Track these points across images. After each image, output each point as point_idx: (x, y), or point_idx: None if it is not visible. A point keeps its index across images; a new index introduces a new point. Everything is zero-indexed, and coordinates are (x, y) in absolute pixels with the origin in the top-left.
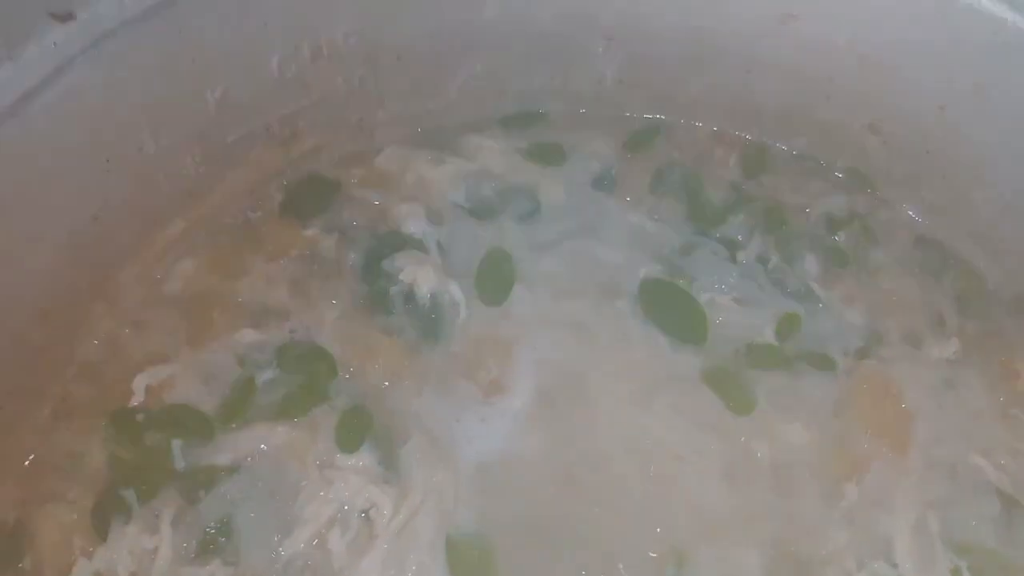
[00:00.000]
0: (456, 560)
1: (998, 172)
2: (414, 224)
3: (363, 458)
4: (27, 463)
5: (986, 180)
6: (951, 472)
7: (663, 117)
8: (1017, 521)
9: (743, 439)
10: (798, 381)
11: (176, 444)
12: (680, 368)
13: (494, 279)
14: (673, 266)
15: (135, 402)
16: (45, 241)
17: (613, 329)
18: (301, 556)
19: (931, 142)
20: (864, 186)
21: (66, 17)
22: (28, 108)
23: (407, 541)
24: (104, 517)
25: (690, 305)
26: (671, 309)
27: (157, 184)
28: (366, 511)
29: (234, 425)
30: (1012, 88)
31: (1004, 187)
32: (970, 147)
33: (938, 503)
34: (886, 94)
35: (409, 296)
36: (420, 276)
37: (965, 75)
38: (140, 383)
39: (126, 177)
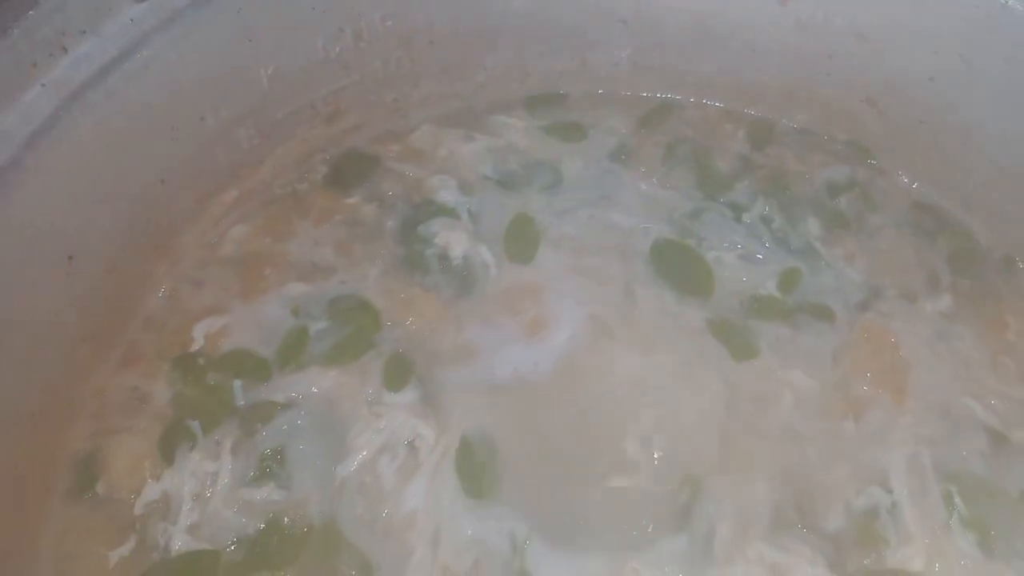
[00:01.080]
0: (464, 460)
1: (986, 137)
2: (447, 194)
3: (407, 396)
4: (99, 402)
5: (975, 146)
6: (943, 413)
7: (675, 96)
8: (1004, 453)
9: (748, 383)
10: (799, 331)
11: (237, 384)
12: (688, 320)
13: (521, 240)
14: (683, 228)
15: (194, 348)
16: (118, 200)
17: (628, 285)
18: (354, 479)
19: (923, 112)
20: (863, 157)
21: None
22: (107, 78)
23: (447, 467)
24: (171, 444)
25: (698, 262)
26: (680, 266)
27: (215, 154)
28: (411, 441)
29: (289, 369)
30: (995, 58)
31: (992, 152)
32: (959, 115)
33: (931, 439)
34: (881, 69)
35: (443, 258)
36: (453, 240)
37: (951, 48)
38: (199, 331)
39: (189, 145)
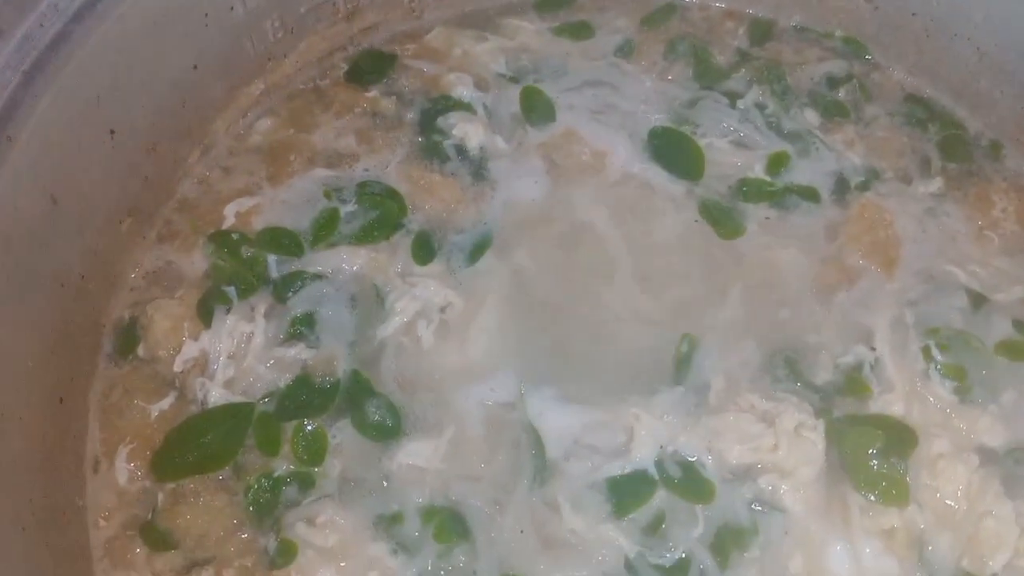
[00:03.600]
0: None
1: (971, 25)
2: (463, 90)
3: (436, 269)
4: (139, 274)
5: (961, 34)
6: (928, 279)
7: None
8: (982, 311)
9: (742, 253)
10: (788, 211)
11: (271, 259)
12: (680, 200)
13: (537, 106)
14: (679, 116)
15: (227, 226)
16: (155, 81)
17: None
18: (393, 339)
19: (913, 5)
20: (860, 52)
21: None
22: None
23: (478, 328)
24: (208, 308)
25: (690, 146)
26: (674, 150)
27: (244, 45)
28: (443, 307)
29: (320, 247)
30: None
31: (977, 38)
32: (948, 6)
33: (914, 301)
34: None
35: (461, 149)
36: (471, 131)
37: None
38: (231, 210)
39: (219, 34)
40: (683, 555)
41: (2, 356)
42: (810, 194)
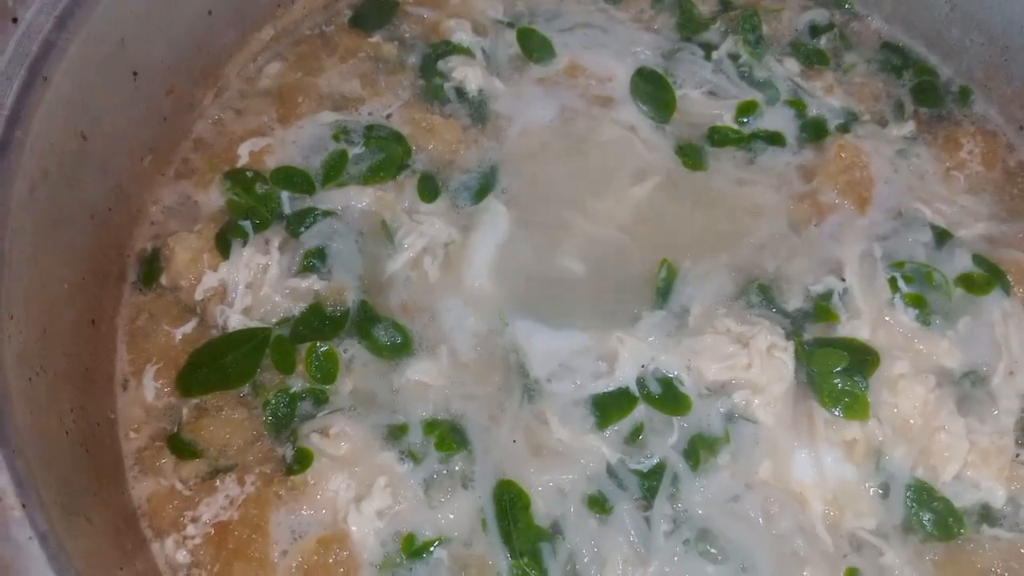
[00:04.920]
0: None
1: None
2: (462, 35)
3: (440, 207)
4: (159, 208)
5: None
6: (896, 215)
7: None
8: (946, 246)
9: (720, 193)
10: (758, 154)
11: (284, 195)
12: (658, 139)
13: (535, 44)
14: (659, 66)
15: (240, 164)
16: (173, 26)
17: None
18: (401, 273)
19: None
20: (840, 2)
21: None
22: None
23: (477, 261)
24: (226, 240)
25: (668, 92)
26: (653, 92)
27: None
28: (448, 244)
29: (331, 186)
30: None
31: None
32: None
33: (883, 236)
34: None
35: (460, 91)
36: (470, 75)
37: None
38: (244, 150)
39: None
40: (659, 460)
41: (44, 279)
42: (777, 139)
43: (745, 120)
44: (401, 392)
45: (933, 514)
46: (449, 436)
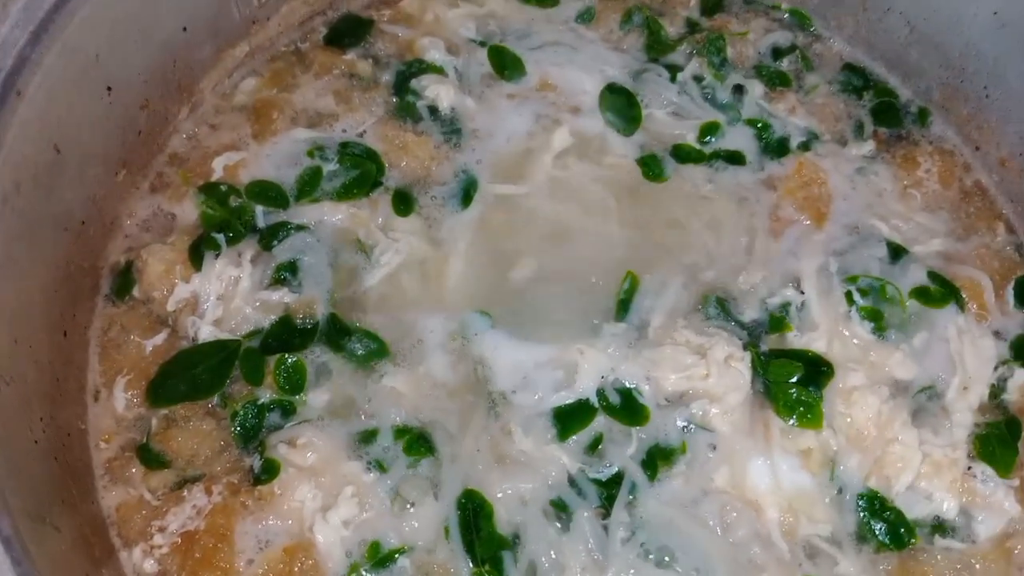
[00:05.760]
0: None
1: (905, 3)
2: (435, 53)
3: (414, 224)
4: (134, 222)
5: (896, 11)
6: (853, 231)
7: None
8: (901, 261)
9: (676, 207)
10: (719, 173)
11: (258, 209)
12: (623, 153)
13: (506, 62)
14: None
15: (215, 178)
16: (148, 42)
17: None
18: (377, 288)
19: None
20: (804, 24)
21: None
22: None
23: (449, 275)
24: (199, 253)
25: (633, 105)
26: (620, 104)
27: (230, 9)
28: (423, 260)
29: (305, 201)
30: None
31: (910, 16)
32: None
33: (839, 251)
34: None
35: (433, 109)
36: (442, 93)
37: None
38: (219, 163)
39: None
40: (617, 470)
41: (16, 290)
42: (737, 158)
43: (708, 139)
44: (375, 399)
45: (885, 524)
46: (417, 443)
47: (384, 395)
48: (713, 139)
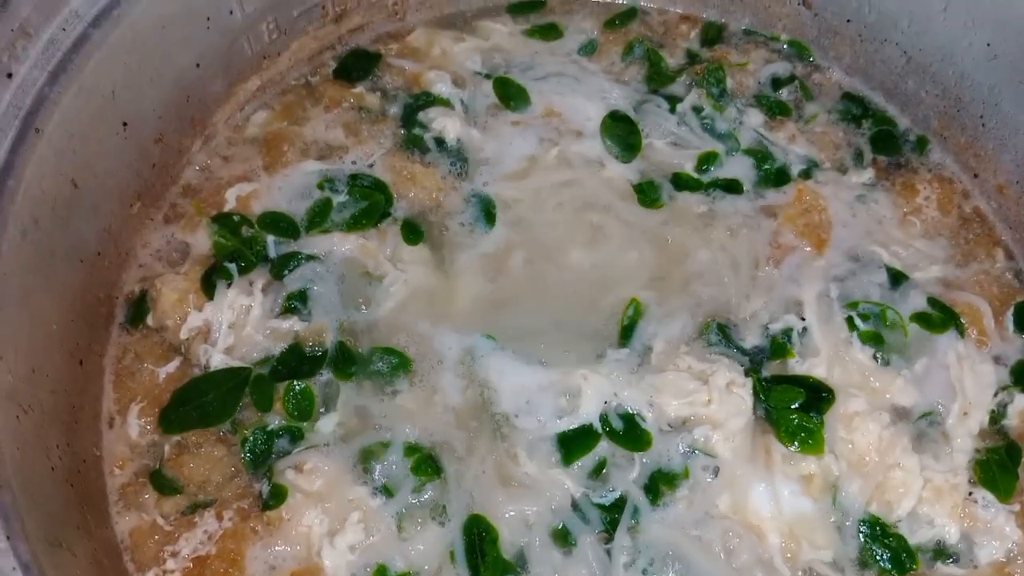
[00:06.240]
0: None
1: (900, 35)
2: (441, 86)
3: (422, 254)
4: (148, 252)
5: (892, 42)
6: (853, 257)
7: (642, 3)
8: (901, 287)
9: (677, 234)
10: (719, 201)
11: (270, 239)
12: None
13: (511, 93)
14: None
15: (227, 209)
16: (163, 79)
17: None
18: (386, 321)
19: (849, 12)
20: (802, 54)
21: None
22: None
23: (458, 302)
24: (211, 282)
25: (634, 132)
26: (621, 131)
27: (241, 45)
28: (431, 289)
29: (315, 232)
30: None
31: (906, 46)
32: (877, 13)
33: (839, 277)
34: None
35: (440, 141)
36: (449, 125)
37: None
38: (231, 195)
39: (220, 35)
40: (620, 494)
41: (33, 320)
42: (734, 186)
43: (706, 168)
44: (389, 415)
45: (887, 549)
46: (425, 463)
47: (397, 413)
48: (711, 168)
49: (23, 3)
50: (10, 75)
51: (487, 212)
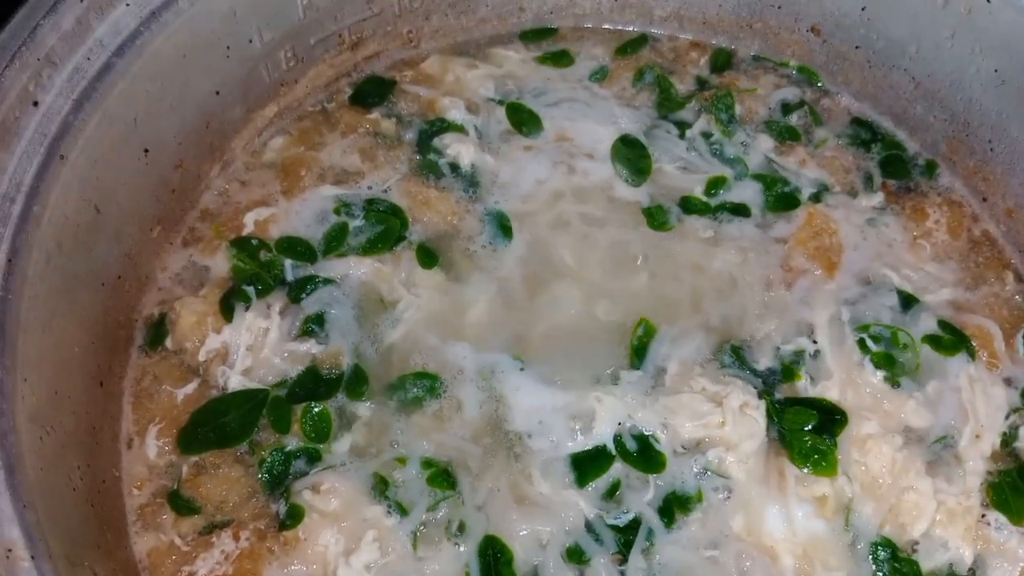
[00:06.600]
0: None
1: (908, 60)
2: (456, 113)
3: (436, 278)
4: (167, 275)
5: (900, 68)
6: (864, 281)
7: (652, 30)
8: (912, 310)
9: (689, 257)
10: (728, 224)
11: (288, 263)
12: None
13: (524, 118)
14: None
15: (246, 232)
16: (183, 106)
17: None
18: (400, 344)
19: (857, 39)
20: (812, 80)
21: None
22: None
23: (473, 324)
24: (229, 305)
25: (644, 156)
26: (631, 155)
27: (260, 73)
28: (445, 311)
29: (332, 256)
30: None
31: (914, 72)
32: (885, 40)
33: (851, 300)
34: (821, 1)
35: (454, 166)
36: (463, 151)
37: None
38: (249, 219)
39: (239, 63)
40: (635, 516)
41: (56, 343)
42: (742, 210)
43: (714, 192)
44: (407, 431)
45: (900, 572)
46: (440, 476)
47: (413, 430)
48: (720, 192)
49: (49, 33)
50: (36, 103)
51: (503, 226)
